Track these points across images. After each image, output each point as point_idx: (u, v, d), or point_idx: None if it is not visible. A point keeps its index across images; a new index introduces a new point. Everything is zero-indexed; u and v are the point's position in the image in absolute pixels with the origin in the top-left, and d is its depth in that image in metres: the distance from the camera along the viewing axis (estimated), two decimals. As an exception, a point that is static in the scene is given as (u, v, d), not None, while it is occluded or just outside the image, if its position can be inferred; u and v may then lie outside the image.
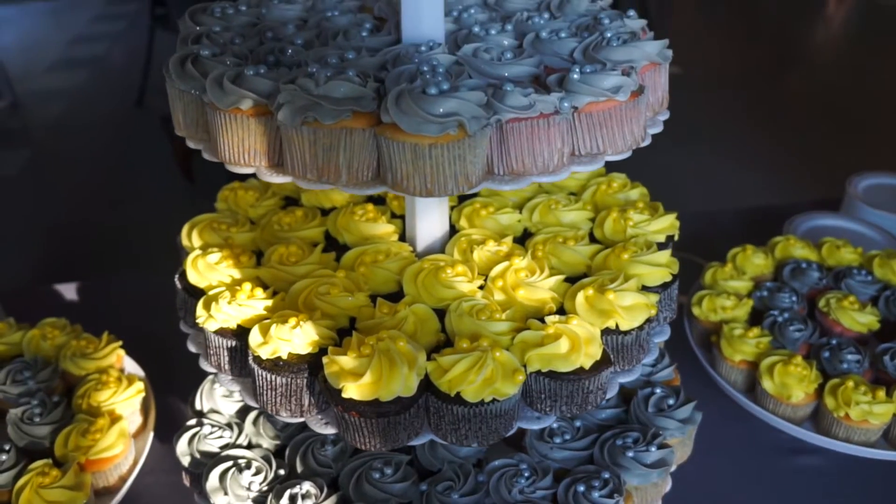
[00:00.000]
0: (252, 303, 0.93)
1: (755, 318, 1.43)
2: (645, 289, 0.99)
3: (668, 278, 1.01)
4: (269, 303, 0.94)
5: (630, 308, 0.92)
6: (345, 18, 0.97)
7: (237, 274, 1.00)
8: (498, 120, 0.76)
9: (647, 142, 0.87)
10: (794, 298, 1.43)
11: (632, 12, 0.96)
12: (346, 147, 0.74)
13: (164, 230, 1.52)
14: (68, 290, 1.68)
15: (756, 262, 1.53)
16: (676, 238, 1.09)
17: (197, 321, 0.93)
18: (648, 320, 0.93)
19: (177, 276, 1.04)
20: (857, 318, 1.37)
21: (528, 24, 0.95)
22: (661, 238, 1.07)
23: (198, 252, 1.03)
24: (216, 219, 1.13)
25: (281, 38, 0.92)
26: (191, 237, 1.09)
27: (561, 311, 0.93)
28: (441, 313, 0.93)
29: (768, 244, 1.61)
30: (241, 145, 0.79)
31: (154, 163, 3.86)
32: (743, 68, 5.06)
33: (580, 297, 0.92)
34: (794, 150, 3.86)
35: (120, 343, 1.34)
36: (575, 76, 0.79)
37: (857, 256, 1.57)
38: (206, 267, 1.00)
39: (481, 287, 0.96)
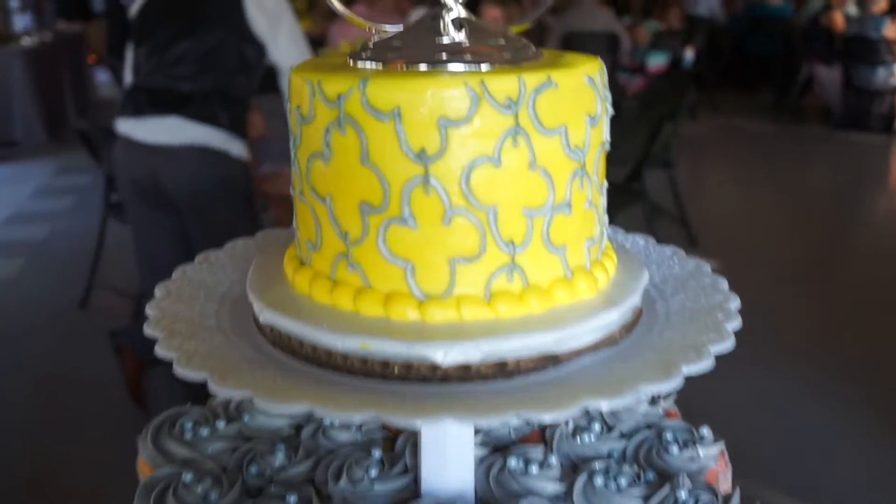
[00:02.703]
0: None
1: None
2: None
3: None
4: None
5: None
6: (345, 435, 0.84)
7: None
8: None
9: None
10: None
11: (705, 431, 0.84)
12: None
13: (106, 467, 1.32)
14: None
15: None
16: None
17: None
18: None
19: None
20: None
21: (575, 442, 0.83)
22: None
23: None
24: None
25: (266, 473, 0.78)
26: None
27: None
28: None
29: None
30: None
31: (97, 381, 3.67)
32: (801, 259, 4.99)
33: None
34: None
35: None
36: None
37: None
38: None
39: None
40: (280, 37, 2.91)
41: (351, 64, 0.73)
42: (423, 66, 0.68)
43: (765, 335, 4.03)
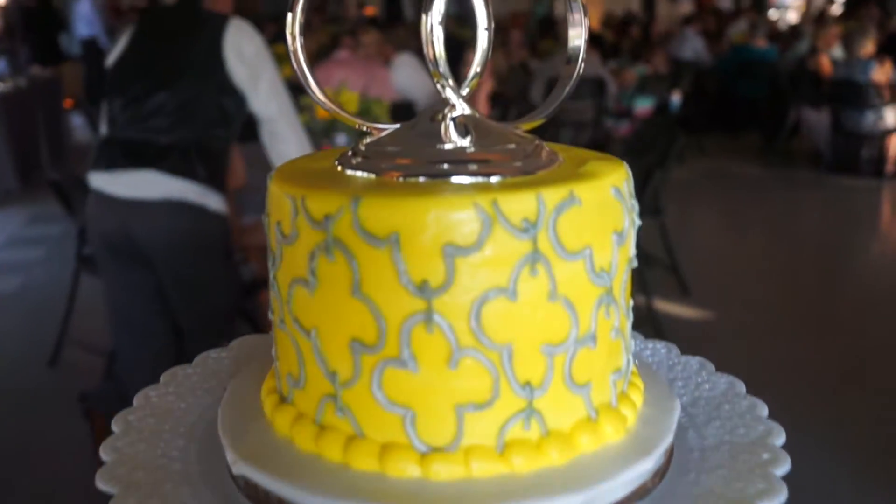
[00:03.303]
0: None
1: None
2: None
3: None
4: None
5: None
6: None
7: None
8: None
9: None
10: None
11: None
12: None
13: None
14: None
15: None
16: None
17: None
18: None
19: None
20: None
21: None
22: None
23: None
24: None
25: None
26: None
27: None
28: None
29: None
30: None
31: (66, 446, 3.53)
32: (794, 307, 4.93)
33: None
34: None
35: None
36: None
37: None
38: None
39: None
40: (261, 87, 2.84)
41: (339, 169, 0.64)
42: (423, 179, 0.59)
43: (761, 387, 3.94)
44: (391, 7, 11.32)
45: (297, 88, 5.75)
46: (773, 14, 17.88)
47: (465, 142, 0.61)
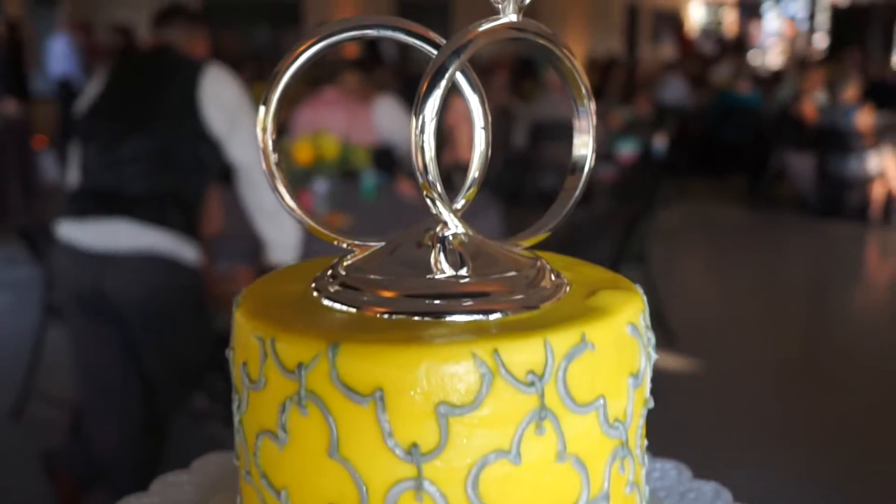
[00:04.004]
0: None
1: None
2: None
3: None
4: None
5: None
6: None
7: None
8: None
9: None
10: None
11: None
12: None
13: None
14: None
15: None
16: None
17: None
18: None
19: None
20: None
21: None
22: None
23: None
24: None
25: None
26: None
27: None
28: None
29: None
30: None
31: (27, 506, 3.40)
32: (782, 358, 4.88)
33: None
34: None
35: None
36: None
37: None
38: None
39: None
40: (239, 135, 2.78)
41: (315, 295, 0.56)
42: (411, 317, 0.52)
43: (748, 441, 3.88)
44: (372, 48, 11.32)
45: (277, 130, 5.71)
46: (754, 55, 18.14)
47: (459, 270, 0.54)
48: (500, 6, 0.55)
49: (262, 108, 0.60)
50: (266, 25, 12.85)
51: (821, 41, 18.34)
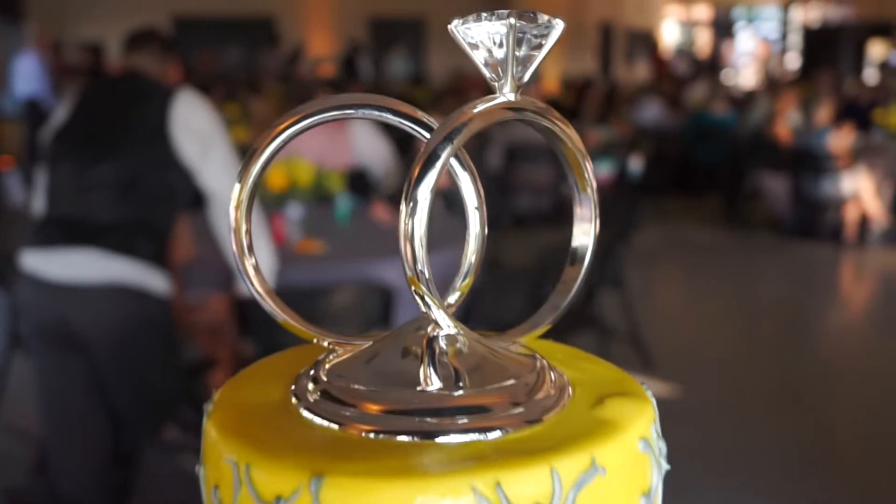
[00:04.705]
0: None
1: None
2: None
3: None
4: None
5: None
6: None
7: None
8: None
9: None
10: None
11: None
12: None
13: None
14: None
15: None
16: None
17: None
18: None
19: None
20: None
21: None
22: None
23: None
24: None
25: None
26: None
27: None
28: None
29: None
30: None
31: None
32: (759, 380, 4.86)
33: None
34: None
35: None
36: None
37: None
38: None
39: None
40: (211, 163, 2.72)
41: (294, 402, 0.51)
42: (401, 437, 0.47)
43: (727, 464, 3.86)
44: (348, 66, 11.28)
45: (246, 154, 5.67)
46: (728, 75, 18.32)
47: (453, 381, 0.49)
48: (496, 84, 0.51)
49: (237, 185, 0.55)
50: (239, 43, 12.79)
51: (793, 61, 18.58)
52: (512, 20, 0.48)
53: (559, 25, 0.48)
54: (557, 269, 0.57)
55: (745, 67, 19.83)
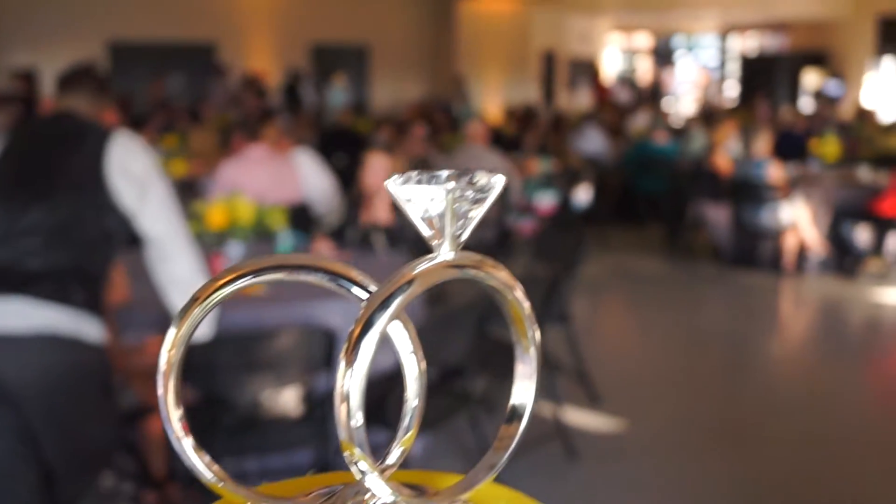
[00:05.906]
0: None
1: None
2: None
3: None
4: None
5: None
6: None
7: None
8: None
9: None
10: None
11: None
12: None
13: None
14: None
15: None
16: None
17: None
18: None
19: None
20: None
21: None
22: None
23: None
24: None
25: None
26: None
27: None
28: None
29: None
30: None
31: None
32: (704, 412, 4.91)
33: None
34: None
35: None
36: None
37: None
38: None
39: None
40: (149, 207, 2.67)
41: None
42: None
43: (675, 498, 3.89)
44: (290, 94, 11.22)
45: (187, 187, 5.53)
46: (668, 102, 18.68)
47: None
48: (434, 244, 0.49)
49: (172, 329, 0.51)
50: (179, 70, 12.65)
51: (732, 89, 19.03)
52: (450, 185, 0.47)
53: (499, 183, 0.47)
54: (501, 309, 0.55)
55: (685, 95, 20.25)
